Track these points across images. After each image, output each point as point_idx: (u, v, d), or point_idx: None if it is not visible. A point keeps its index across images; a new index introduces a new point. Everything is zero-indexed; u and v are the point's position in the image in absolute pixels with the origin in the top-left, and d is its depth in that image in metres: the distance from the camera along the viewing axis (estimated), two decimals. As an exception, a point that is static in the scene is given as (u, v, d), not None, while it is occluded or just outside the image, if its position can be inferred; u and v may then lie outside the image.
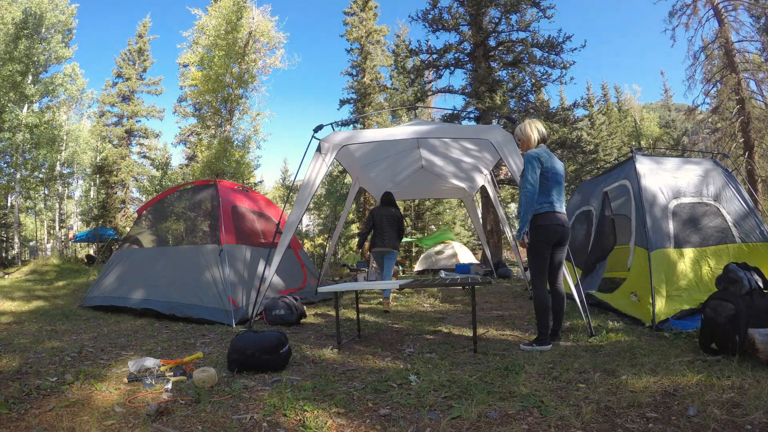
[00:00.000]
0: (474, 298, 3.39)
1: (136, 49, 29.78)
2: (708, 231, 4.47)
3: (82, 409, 2.18)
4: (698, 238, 4.42)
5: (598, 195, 5.64)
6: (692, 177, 4.74)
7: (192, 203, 6.04)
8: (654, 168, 4.79)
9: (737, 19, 15.68)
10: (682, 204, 4.56)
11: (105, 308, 5.60)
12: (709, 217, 4.55)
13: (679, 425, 1.88)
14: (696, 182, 4.71)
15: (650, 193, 4.54)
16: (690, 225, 4.48)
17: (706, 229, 4.48)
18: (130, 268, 5.80)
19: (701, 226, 4.49)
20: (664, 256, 4.20)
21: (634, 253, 4.55)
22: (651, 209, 4.45)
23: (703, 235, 4.44)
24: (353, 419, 2.06)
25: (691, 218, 4.52)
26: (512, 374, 2.66)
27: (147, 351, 3.54)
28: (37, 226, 26.56)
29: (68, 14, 17.36)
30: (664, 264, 4.16)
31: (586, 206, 6.05)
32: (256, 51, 19.73)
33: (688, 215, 4.52)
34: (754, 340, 2.65)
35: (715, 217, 4.56)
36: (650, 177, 4.67)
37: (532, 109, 13.83)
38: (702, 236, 4.43)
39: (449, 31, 14.31)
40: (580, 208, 6.27)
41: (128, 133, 29.24)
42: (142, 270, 5.63)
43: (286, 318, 4.71)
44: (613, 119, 33.72)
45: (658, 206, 4.48)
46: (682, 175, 4.75)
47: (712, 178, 4.77)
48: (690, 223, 4.49)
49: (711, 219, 4.54)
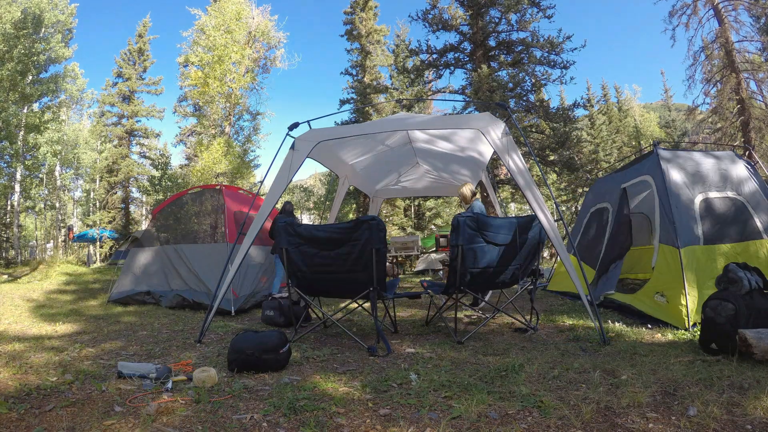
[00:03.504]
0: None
1: (136, 49, 29.77)
2: (736, 227, 4.27)
3: (82, 409, 2.18)
4: (728, 234, 4.22)
5: (614, 192, 5.40)
6: (716, 171, 4.54)
7: (200, 206, 6.78)
8: (676, 162, 4.59)
9: (737, 19, 15.68)
10: (709, 199, 4.36)
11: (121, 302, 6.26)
12: (736, 213, 4.35)
13: (679, 425, 1.88)
14: (720, 176, 4.51)
15: (675, 189, 4.34)
16: (718, 221, 4.28)
17: (734, 225, 4.27)
18: (148, 264, 6.47)
19: (729, 222, 4.28)
20: (693, 254, 4.00)
21: (659, 251, 4.33)
22: (677, 205, 4.24)
23: (732, 230, 4.24)
24: (353, 419, 2.06)
25: (719, 214, 4.31)
26: (512, 374, 2.66)
27: (147, 351, 3.54)
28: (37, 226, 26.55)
29: (68, 14, 17.34)
30: (694, 262, 3.96)
31: (601, 203, 5.86)
32: (256, 51, 19.73)
33: (715, 211, 4.32)
34: (746, 338, 2.66)
35: (742, 212, 4.36)
36: (674, 171, 4.48)
37: (533, 109, 13.84)
38: (731, 232, 4.23)
39: (449, 31, 14.32)
40: (594, 206, 6.08)
41: (128, 133, 29.25)
42: (161, 266, 6.32)
43: (274, 319, 4.72)
44: (613, 119, 33.72)
45: (684, 202, 4.28)
46: (705, 168, 4.56)
47: (734, 171, 4.58)
48: (718, 218, 4.29)
49: (738, 214, 4.34)
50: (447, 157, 7.08)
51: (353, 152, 6.43)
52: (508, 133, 4.05)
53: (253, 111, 20.34)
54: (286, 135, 4.56)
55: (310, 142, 4.42)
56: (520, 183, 3.99)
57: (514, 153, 4.07)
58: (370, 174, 7.73)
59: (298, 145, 4.44)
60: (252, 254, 6.09)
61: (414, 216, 22.17)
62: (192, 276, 6.01)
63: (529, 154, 11.80)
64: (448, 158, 7.11)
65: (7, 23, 14.28)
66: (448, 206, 21.96)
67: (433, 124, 5.38)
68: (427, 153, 7.10)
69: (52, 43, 16.03)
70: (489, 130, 4.07)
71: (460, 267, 3.70)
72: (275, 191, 4.47)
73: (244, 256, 4.27)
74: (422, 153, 7.19)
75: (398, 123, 4.89)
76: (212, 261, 5.91)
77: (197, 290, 5.85)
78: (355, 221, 3.54)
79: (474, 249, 3.71)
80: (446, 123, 5.26)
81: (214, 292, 4.35)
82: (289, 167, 4.40)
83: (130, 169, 27.75)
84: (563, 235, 5.01)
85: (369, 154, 6.74)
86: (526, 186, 3.94)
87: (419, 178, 8.40)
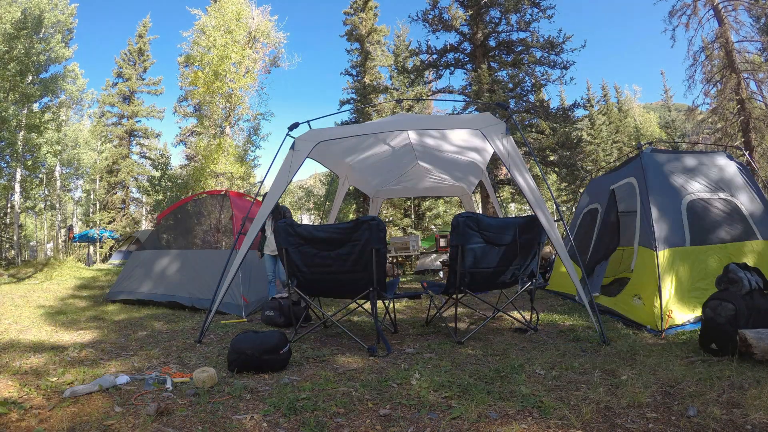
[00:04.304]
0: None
1: (136, 50, 29.80)
2: (728, 227, 4.26)
3: (82, 409, 2.18)
4: (718, 234, 4.21)
5: (605, 193, 5.45)
6: (707, 172, 4.54)
7: (207, 211, 6.81)
8: (665, 164, 4.60)
9: (737, 19, 15.67)
10: (698, 200, 4.35)
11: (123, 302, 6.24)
12: (728, 213, 4.34)
13: (679, 425, 1.88)
14: (711, 177, 4.51)
15: (660, 191, 4.35)
16: (708, 221, 4.27)
17: (725, 225, 4.26)
18: (152, 267, 6.42)
19: (720, 222, 4.27)
20: (677, 255, 4.01)
21: (638, 253, 4.38)
22: (661, 207, 4.25)
23: (722, 231, 4.23)
24: (353, 419, 2.06)
25: (709, 214, 4.31)
26: (512, 374, 2.66)
27: (146, 351, 3.54)
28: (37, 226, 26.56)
29: (68, 14, 17.33)
30: (678, 264, 3.96)
31: (593, 204, 5.90)
32: (255, 51, 19.74)
33: (704, 211, 4.31)
34: (746, 338, 2.67)
35: (734, 212, 4.35)
36: (660, 173, 4.48)
37: (533, 110, 13.84)
38: (722, 232, 4.22)
39: (449, 31, 14.32)
40: (586, 207, 6.12)
41: (128, 133, 29.27)
42: (164, 269, 6.28)
43: (274, 319, 4.73)
44: (613, 119, 33.74)
45: (670, 203, 4.29)
46: (696, 170, 4.55)
47: (727, 172, 4.58)
48: (707, 219, 4.28)
49: (729, 214, 4.33)
50: (447, 158, 7.07)
51: (353, 152, 6.43)
52: (508, 132, 4.05)
53: (253, 111, 20.36)
54: (286, 135, 4.55)
55: (310, 143, 4.41)
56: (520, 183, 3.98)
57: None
58: (370, 174, 7.72)
59: (298, 145, 4.44)
60: (261, 261, 6.15)
61: (414, 216, 22.16)
62: (196, 281, 5.97)
63: (529, 155, 11.80)
64: (448, 158, 7.10)
65: (7, 23, 14.27)
66: (448, 206, 21.96)
67: (434, 125, 5.37)
68: (427, 153, 7.10)
69: (52, 43, 16.01)
70: (489, 130, 4.07)
71: (459, 267, 3.70)
72: (275, 191, 4.47)
73: (245, 256, 4.27)
74: (422, 153, 7.19)
75: (398, 123, 4.89)
76: (217, 268, 5.68)
77: (201, 297, 5.78)
78: (355, 221, 3.54)
79: (474, 249, 3.71)
80: (446, 123, 5.26)
81: (214, 293, 4.35)
82: (289, 167, 4.40)
83: (130, 169, 27.77)
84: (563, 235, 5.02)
85: (369, 154, 6.74)
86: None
87: (419, 178, 8.39)
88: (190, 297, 5.81)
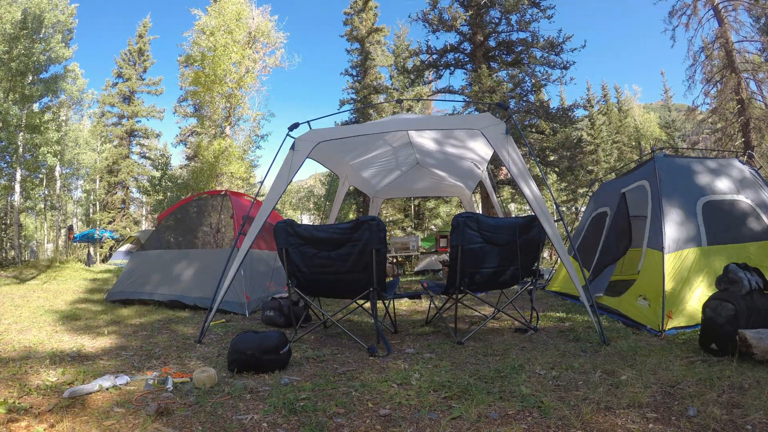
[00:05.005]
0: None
1: (136, 50, 29.81)
2: (745, 227, 4.26)
3: (82, 409, 2.18)
4: (734, 234, 4.20)
5: (615, 196, 5.48)
6: (721, 175, 4.59)
7: (208, 212, 6.83)
8: (679, 167, 4.63)
9: (737, 19, 15.69)
10: (712, 201, 4.37)
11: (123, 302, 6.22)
12: (744, 214, 4.34)
13: (679, 425, 1.88)
14: (724, 180, 4.56)
15: (674, 192, 4.36)
16: (723, 222, 4.27)
17: (742, 226, 4.26)
18: (153, 267, 6.42)
19: (737, 223, 4.28)
20: (688, 257, 3.98)
21: (646, 255, 4.36)
22: (676, 208, 4.26)
23: (740, 231, 4.23)
24: (353, 419, 2.06)
25: (724, 215, 4.30)
26: (512, 374, 2.66)
27: (146, 351, 3.54)
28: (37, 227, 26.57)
29: (68, 14, 17.34)
30: (690, 265, 3.94)
31: (602, 208, 5.94)
32: (256, 51, 19.74)
33: (720, 212, 4.31)
34: (746, 339, 2.67)
35: (750, 213, 4.36)
36: (674, 176, 4.50)
37: (533, 110, 13.84)
38: (739, 232, 4.22)
39: (449, 31, 14.33)
40: (595, 211, 6.16)
41: (128, 133, 29.28)
42: (165, 269, 6.29)
43: (274, 319, 4.72)
44: (613, 120, 33.74)
45: (684, 206, 4.29)
46: (711, 173, 4.60)
47: (738, 176, 4.63)
48: (723, 220, 4.28)
49: (746, 215, 4.33)
50: (447, 158, 7.08)
51: (353, 152, 6.43)
52: (508, 132, 4.05)
53: (253, 111, 20.36)
54: (286, 135, 4.54)
55: (310, 143, 4.41)
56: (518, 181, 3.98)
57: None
58: (370, 174, 7.73)
59: (298, 145, 4.43)
60: (261, 258, 6.15)
61: (414, 216, 22.16)
62: (197, 281, 5.99)
63: (530, 155, 11.80)
64: (449, 158, 7.10)
65: (7, 23, 14.28)
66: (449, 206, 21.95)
67: (434, 125, 5.37)
68: (428, 153, 7.10)
69: (52, 43, 16.01)
70: (490, 131, 4.08)
71: (459, 267, 3.70)
72: (275, 192, 4.47)
73: (245, 255, 4.27)
74: (422, 153, 7.19)
75: (398, 123, 4.89)
76: (218, 267, 5.78)
77: (202, 296, 5.78)
78: (355, 222, 3.54)
79: (474, 249, 3.71)
80: (446, 123, 5.26)
81: (214, 292, 4.36)
82: (289, 168, 4.40)
83: (131, 169, 27.78)
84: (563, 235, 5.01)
85: (369, 154, 6.74)
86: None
87: (419, 178, 8.40)
88: (191, 296, 5.83)
